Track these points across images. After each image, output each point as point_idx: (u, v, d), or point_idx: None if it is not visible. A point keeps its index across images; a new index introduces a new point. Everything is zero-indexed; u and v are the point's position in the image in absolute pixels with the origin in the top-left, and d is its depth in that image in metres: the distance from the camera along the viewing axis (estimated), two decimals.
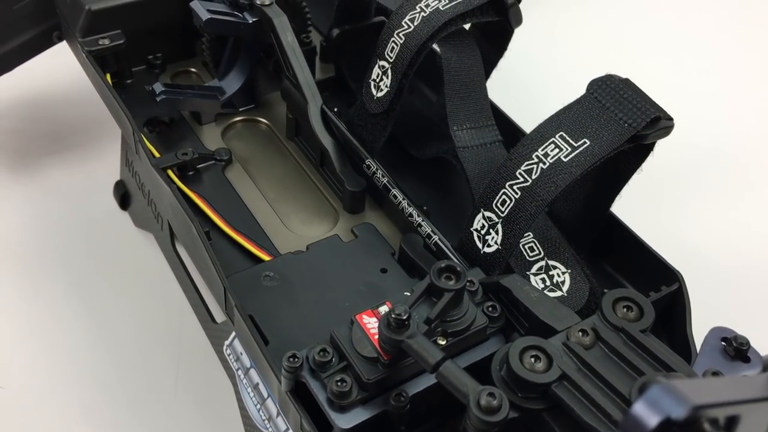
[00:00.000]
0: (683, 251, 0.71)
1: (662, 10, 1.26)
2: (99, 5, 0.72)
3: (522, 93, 0.81)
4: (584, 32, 1.20)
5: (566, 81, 1.07)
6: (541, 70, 1.08)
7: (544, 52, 1.10)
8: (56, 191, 0.90)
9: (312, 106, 0.68)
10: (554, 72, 1.08)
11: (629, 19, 1.24)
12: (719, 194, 0.94)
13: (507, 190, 0.56)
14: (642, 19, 1.24)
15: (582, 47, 1.16)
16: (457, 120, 0.65)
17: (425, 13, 0.64)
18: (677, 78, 1.11)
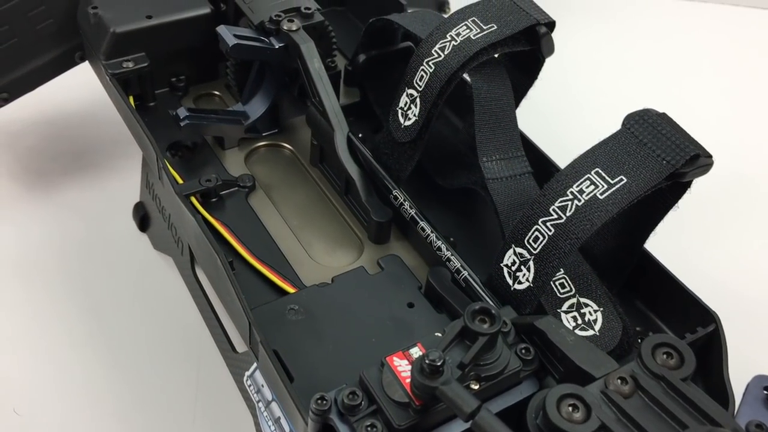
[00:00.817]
0: (714, 286, 0.69)
1: (682, 33, 1.25)
2: (124, 27, 0.72)
3: (533, 115, 0.80)
4: (596, 52, 1.19)
5: (578, 103, 1.07)
6: (556, 93, 1.06)
7: (558, 75, 1.09)
8: (75, 211, 0.89)
9: (338, 134, 0.66)
10: (567, 95, 1.07)
11: (644, 40, 1.23)
12: (748, 224, 0.93)
13: (540, 227, 0.54)
14: (659, 41, 1.23)
15: (594, 69, 1.15)
16: (486, 151, 0.64)
17: (456, 42, 0.63)
18: (700, 102, 1.10)
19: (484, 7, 0.64)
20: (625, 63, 1.19)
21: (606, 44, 1.23)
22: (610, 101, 1.11)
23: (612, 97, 1.11)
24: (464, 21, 0.63)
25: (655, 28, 1.28)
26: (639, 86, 1.14)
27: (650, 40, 1.24)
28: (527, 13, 0.63)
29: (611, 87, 1.13)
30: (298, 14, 0.71)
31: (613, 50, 1.22)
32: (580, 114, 1.05)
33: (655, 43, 1.23)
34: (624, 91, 1.14)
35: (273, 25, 0.69)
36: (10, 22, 0.76)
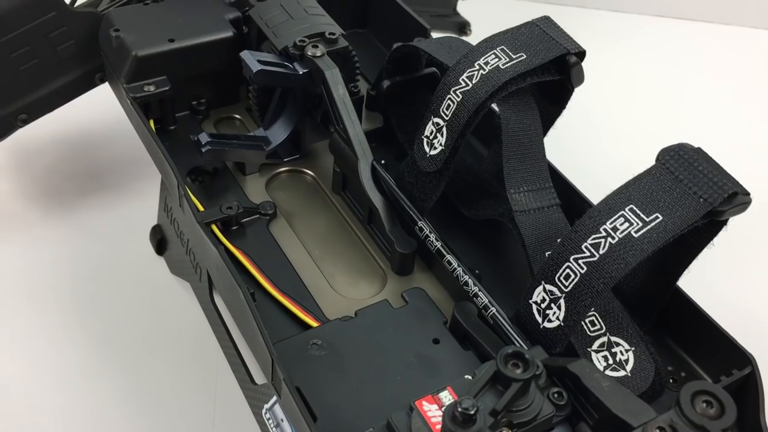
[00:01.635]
0: (747, 323, 0.67)
1: (704, 56, 1.24)
2: (146, 51, 0.71)
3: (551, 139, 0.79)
4: (614, 75, 1.18)
5: (595, 126, 1.05)
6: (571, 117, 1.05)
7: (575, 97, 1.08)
8: (91, 233, 0.88)
9: (362, 163, 0.65)
10: (584, 118, 1.05)
11: (664, 63, 1.21)
12: None
13: (571, 264, 0.53)
14: (679, 64, 1.21)
15: (612, 92, 1.14)
16: (514, 182, 0.63)
17: (484, 71, 0.61)
18: (721, 127, 1.08)
19: (513, 35, 0.63)
20: (644, 86, 1.18)
21: (624, 67, 1.22)
22: (629, 125, 1.10)
23: (630, 121, 1.10)
24: (493, 49, 0.62)
25: (676, 51, 1.27)
26: (658, 110, 1.13)
27: (670, 63, 1.23)
28: (557, 42, 0.62)
29: (629, 110, 1.12)
30: (322, 39, 0.70)
31: (631, 73, 1.20)
32: (597, 136, 1.04)
33: (676, 67, 1.22)
34: (643, 114, 1.12)
35: (297, 51, 0.68)
36: (31, 43, 0.75)
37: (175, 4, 0.78)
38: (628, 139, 1.08)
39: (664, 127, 1.11)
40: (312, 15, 0.72)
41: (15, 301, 0.81)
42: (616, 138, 1.07)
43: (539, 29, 0.63)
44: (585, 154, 0.95)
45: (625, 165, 1.02)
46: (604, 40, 1.29)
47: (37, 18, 0.74)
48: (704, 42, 1.30)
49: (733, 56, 1.26)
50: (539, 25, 0.64)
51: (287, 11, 0.72)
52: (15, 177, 0.93)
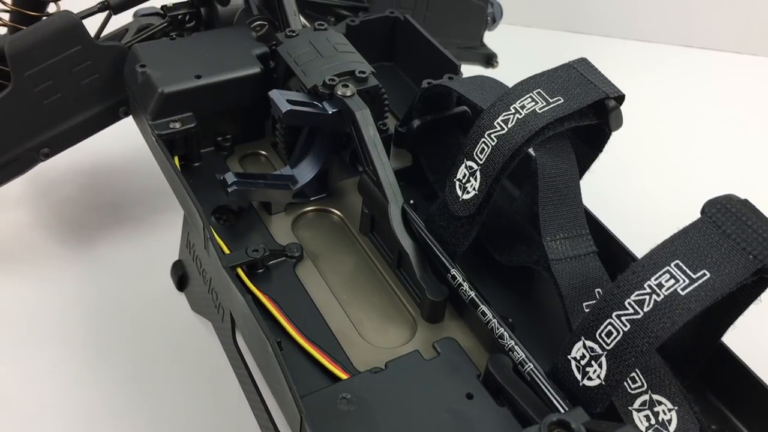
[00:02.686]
0: None
1: (733, 87, 1.22)
2: (172, 87, 0.69)
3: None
4: (635, 105, 1.16)
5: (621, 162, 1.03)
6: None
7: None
8: (110, 267, 0.86)
9: (393, 207, 0.63)
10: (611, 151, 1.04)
11: (691, 94, 1.19)
12: None
13: (614, 321, 0.51)
14: (708, 94, 1.19)
15: (634, 121, 1.12)
16: (550, 230, 0.61)
17: (520, 115, 0.60)
18: (757, 163, 1.06)
19: (550, 78, 0.61)
20: (671, 117, 1.16)
21: (650, 97, 1.20)
22: (656, 159, 1.08)
23: (657, 154, 1.08)
24: (529, 93, 0.60)
25: (702, 82, 1.25)
26: (685, 142, 1.11)
27: (697, 94, 1.21)
28: (595, 85, 0.60)
29: (655, 143, 1.10)
30: (352, 78, 0.68)
31: (657, 104, 1.18)
32: (623, 171, 1.02)
33: (703, 98, 1.20)
34: (670, 147, 1.10)
35: (326, 90, 0.67)
36: (55, 77, 0.74)
37: (202, 39, 0.77)
38: (656, 173, 1.06)
39: (692, 160, 1.09)
40: (341, 52, 0.71)
41: (33, 338, 0.79)
42: (645, 173, 1.05)
43: (576, 72, 0.61)
44: (612, 190, 0.93)
45: (654, 202, 1.01)
46: (630, 70, 1.27)
47: (62, 52, 0.73)
48: (732, 72, 1.28)
49: (762, 88, 1.24)
50: (576, 68, 0.62)
51: (316, 48, 0.71)
52: (34, 208, 0.92)
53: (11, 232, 0.89)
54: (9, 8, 0.80)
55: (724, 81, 1.26)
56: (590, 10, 1.37)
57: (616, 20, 1.37)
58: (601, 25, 1.38)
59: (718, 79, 1.27)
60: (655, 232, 0.51)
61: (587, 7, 1.37)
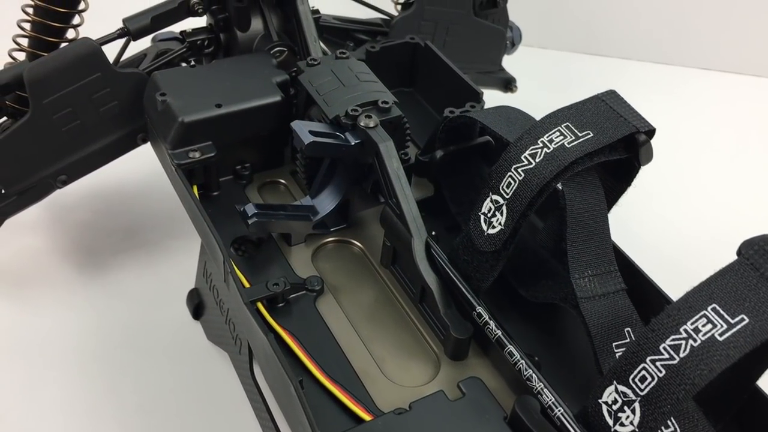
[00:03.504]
0: None
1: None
2: (192, 117, 0.68)
3: None
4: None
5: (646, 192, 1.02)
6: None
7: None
8: (125, 294, 0.85)
9: (416, 241, 0.62)
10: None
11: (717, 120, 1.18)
12: None
13: (648, 366, 0.49)
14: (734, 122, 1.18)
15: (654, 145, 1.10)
16: (578, 267, 0.59)
17: (548, 149, 0.58)
18: None
19: (578, 111, 0.60)
20: (689, 141, 1.14)
21: (669, 120, 1.18)
22: (676, 184, 1.06)
23: (678, 179, 1.06)
24: (557, 126, 0.59)
25: (722, 105, 1.24)
26: (705, 167, 1.10)
27: (716, 117, 1.19)
28: (625, 119, 0.59)
29: (676, 168, 1.09)
30: (375, 108, 0.67)
31: (676, 127, 1.17)
32: (647, 198, 1.00)
33: (722, 121, 1.18)
34: (690, 171, 1.09)
35: (349, 120, 0.66)
36: (74, 104, 0.74)
37: (222, 66, 0.76)
38: (675, 198, 1.04)
39: (712, 185, 1.08)
40: (364, 82, 0.70)
41: (46, 365, 0.78)
42: (664, 198, 1.03)
43: (605, 105, 0.60)
44: (631, 217, 0.92)
45: (676, 228, 0.99)
46: (647, 92, 1.26)
47: (81, 79, 0.73)
48: (751, 96, 1.27)
49: None
50: (605, 101, 0.61)
51: (338, 77, 0.70)
52: (49, 233, 0.91)
53: (26, 258, 0.88)
54: (28, 34, 0.79)
55: (743, 104, 1.25)
56: (607, 31, 1.36)
57: (634, 42, 1.36)
58: (618, 46, 1.37)
59: (737, 102, 1.26)
60: (676, 259, 0.50)
61: (604, 29, 1.36)
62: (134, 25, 0.77)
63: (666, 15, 1.34)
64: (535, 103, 1.15)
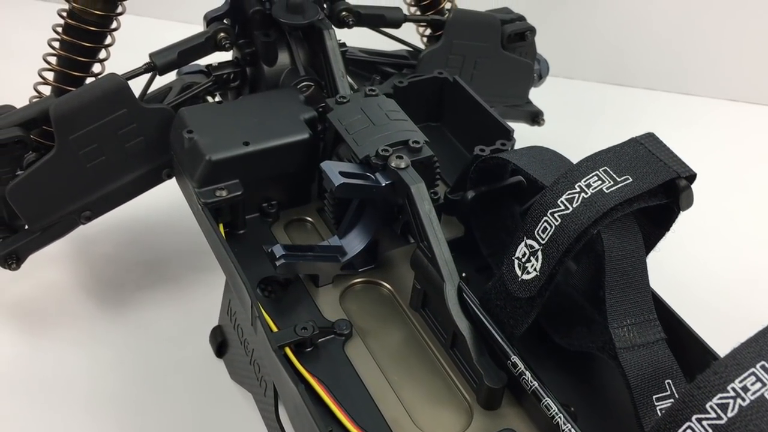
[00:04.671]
0: None
1: None
2: (220, 155, 0.67)
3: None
4: None
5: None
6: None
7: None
8: (146, 330, 0.84)
9: (449, 286, 0.61)
10: None
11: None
12: None
13: (694, 425, 0.47)
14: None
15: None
16: (617, 316, 0.57)
17: (586, 194, 0.57)
18: None
19: (616, 155, 0.59)
20: (717, 173, 1.12)
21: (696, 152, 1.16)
22: (708, 220, 1.04)
23: (706, 214, 1.04)
24: (595, 170, 0.58)
25: (750, 137, 1.21)
26: (735, 202, 1.07)
27: (744, 149, 1.17)
28: (665, 164, 0.57)
29: (706, 202, 1.06)
30: (405, 148, 0.66)
31: (703, 159, 1.15)
32: (677, 235, 0.98)
33: (751, 154, 1.16)
34: (718, 206, 1.07)
35: (379, 161, 0.64)
36: (100, 140, 0.73)
37: (249, 102, 0.75)
38: (705, 235, 1.02)
39: (743, 220, 1.05)
40: (394, 120, 0.68)
41: (65, 404, 0.77)
42: (695, 236, 1.01)
43: (644, 149, 0.59)
44: (667, 259, 0.90)
45: (707, 268, 0.97)
46: (674, 124, 1.25)
47: (107, 115, 0.72)
48: None
49: None
50: (644, 144, 0.59)
51: (368, 116, 0.69)
52: (72, 267, 0.90)
53: (47, 292, 0.87)
54: (54, 68, 0.79)
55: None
56: (633, 62, 1.35)
57: (660, 72, 1.35)
58: (644, 77, 1.35)
59: (766, 134, 1.24)
60: (713, 303, 0.48)
61: (630, 59, 1.35)
62: (161, 60, 0.77)
63: (693, 45, 1.32)
64: (561, 134, 1.14)
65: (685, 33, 1.31)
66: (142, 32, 0.83)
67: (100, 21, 0.77)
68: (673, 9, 1.29)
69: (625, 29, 1.32)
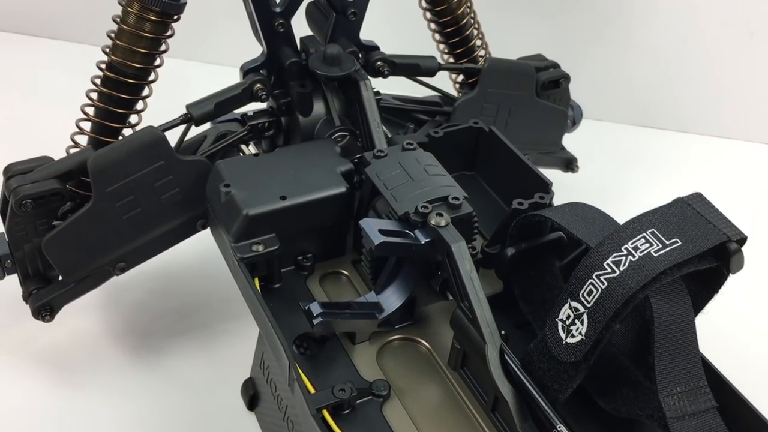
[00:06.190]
0: None
1: None
2: (257, 210, 0.67)
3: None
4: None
5: None
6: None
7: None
8: (176, 381, 0.83)
9: (490, 348, 0.59)
10: None
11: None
12: None
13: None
14: None
15: None
16: (667, 384, 0.55)
17: (633, 257, 0.55)
18: None
19: (663, 216, 0.57)
20: (751, 218, 1.09)
21: (733, 196, 1.14)
22: (751, 278, 1.02)
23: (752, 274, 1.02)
24: (642, 232, 0.56)
25: None
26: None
27: None
28: (715, 227, 0.56)
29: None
30: (445, 204, 0.65)
31: (741, 204, 1.13)
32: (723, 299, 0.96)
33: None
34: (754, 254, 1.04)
35: (419, 218, 0.63)
36: (136, 192, 0.73)
37: (286, 154, 0.75)
38: (756, 296, 0.99)
39: None
40: (433, 175, 0.68)
41: None
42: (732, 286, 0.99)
43: (692, 210, 0.57)
44: (712, 321, 0.88)
45: (757, 330, 0.94)
46: (707, 167, 1.23)
47: (144, 168, 0.72)
48: None
49: None
50: (692, 205, 0.58)
51: (406, 171, 0.68)
52: (103, 314, 0.89)
53: (78, 340, 0.86)
54: (91, 118, 0.79)
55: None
56: (664, 104, 1.34)
57: (692, 115, 1.33)
58: (675, 119, 1.34)
59: None
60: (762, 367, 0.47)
61: (661, 101, 1.34)
62: (198, 112, 0.77)
63: (725, 87, 1.31)
64: (594, 177, 1.13)
65: (717, 74, 1.30)
66: (169, 72, 0.82)
67: (138, 73, 0.77)
68: (706, 51, 1.28)
69: (658, 71, 1.31)
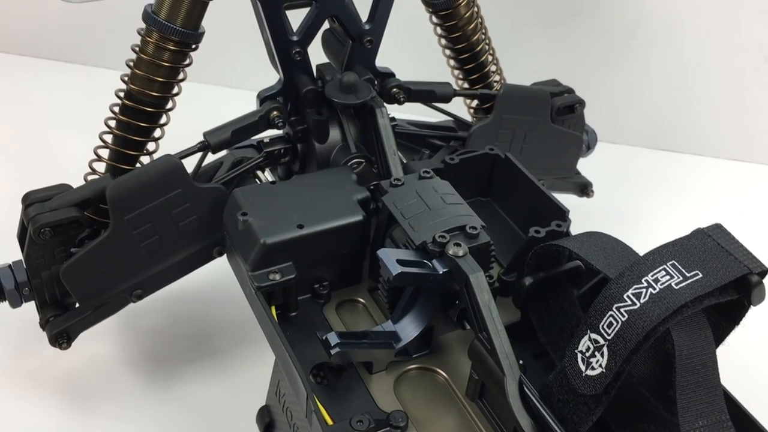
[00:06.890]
0: None
1: None
2: (274, 238, 0.67)
3: None
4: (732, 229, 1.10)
5: None
6: None
7: None
8: (191, 408, 0.83)
9: (509, 380, 0.59)
10: None
11: None
12: None
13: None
14: None
15: None
16: (689, 418, 0.55)
17: (654, 289, 0.55)
18: None
19: (683, 248, 0.57)
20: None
21: (749, 220, 1.14)
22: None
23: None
24: (662, 264, 0.56)
25: None
26: None
27: None
28: (736, 259, 0.55)
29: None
30: (462, 234, 0.65)
31: (759, 227, 1.12)
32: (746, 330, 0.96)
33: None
34: None
35: (436, 248, 0.63)
36: (154, 219, 0.73)
37: (302, 182, 0.75)
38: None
39: None
40: (450, 204, 0.68)
41: None
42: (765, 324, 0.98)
43: (713, 241, 0.57)
44: (735, 350, 0.87)
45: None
46: (723, 191, 1.23)
47: (162, 196, 0.72)
48: None
49: None
50: (712, 237, 0.57)
51: (423, 200, 0.68)
52: (118, 340, 0.90)
53: (94, 366, 0.86)
54: (109, 146, 0.80)
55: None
56: (679, 127, 1.33)
57: (707, 138, 1.33)
58: (690, 142, 1.34)
59: None
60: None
61: (676, 124, 1.33)
62: (214, 140, 0.77)
63: (740, 110, 1.30)
64: (608, 200, 1.12)
65: (733, 97, 1.30)
66: (185, 94, 0.83)
67: (156, 102, 0.78)
68: (720, 74, 1.28)
69: (672, 94, 1.31)
